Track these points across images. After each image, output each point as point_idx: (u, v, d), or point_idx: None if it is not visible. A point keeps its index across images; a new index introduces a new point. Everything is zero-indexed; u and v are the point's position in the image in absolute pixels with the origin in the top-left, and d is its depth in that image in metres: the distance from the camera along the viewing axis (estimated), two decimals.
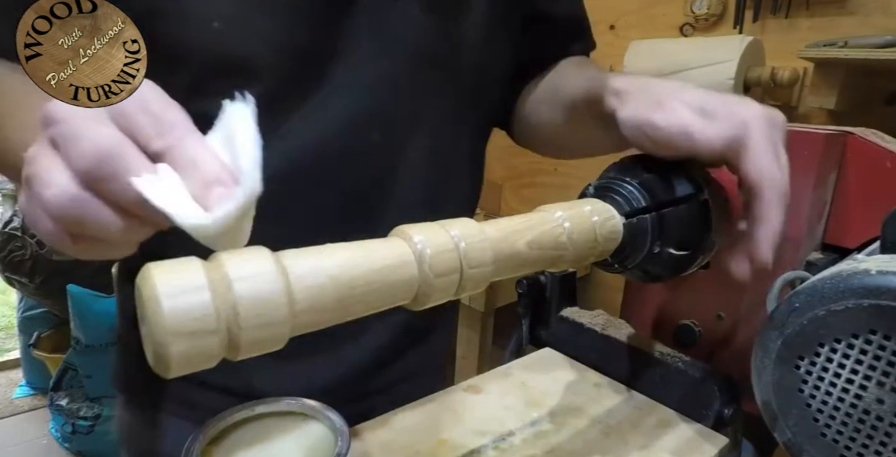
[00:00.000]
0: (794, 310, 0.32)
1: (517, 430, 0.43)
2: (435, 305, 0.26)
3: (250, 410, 0.30)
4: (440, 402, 0.47)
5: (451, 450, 0.41)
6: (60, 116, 0.21)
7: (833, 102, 1.02)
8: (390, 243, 0.24)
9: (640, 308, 0.53)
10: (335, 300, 0.22)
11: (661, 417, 0.46)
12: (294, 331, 0.21)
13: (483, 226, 0.28)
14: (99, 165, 0.20)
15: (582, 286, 0.64)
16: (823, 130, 0.42)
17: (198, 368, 0.19)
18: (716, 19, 1.27)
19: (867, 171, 0.44)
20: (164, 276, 0.19)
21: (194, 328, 0.18)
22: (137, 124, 0.21)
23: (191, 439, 0.28)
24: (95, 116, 0.21)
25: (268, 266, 0.20)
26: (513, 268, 0.28)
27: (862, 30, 1.06)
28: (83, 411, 1.62)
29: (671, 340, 0.49)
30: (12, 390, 2.00)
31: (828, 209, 0.46)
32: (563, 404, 0.47)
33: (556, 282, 0.55)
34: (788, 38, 1.17)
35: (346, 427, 0.29)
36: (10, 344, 2.34)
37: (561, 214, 0.31)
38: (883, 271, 0.29)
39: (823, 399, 0.31)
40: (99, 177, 0.20)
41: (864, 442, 0.30)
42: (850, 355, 0.30)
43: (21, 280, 1.70)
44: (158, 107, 0.22)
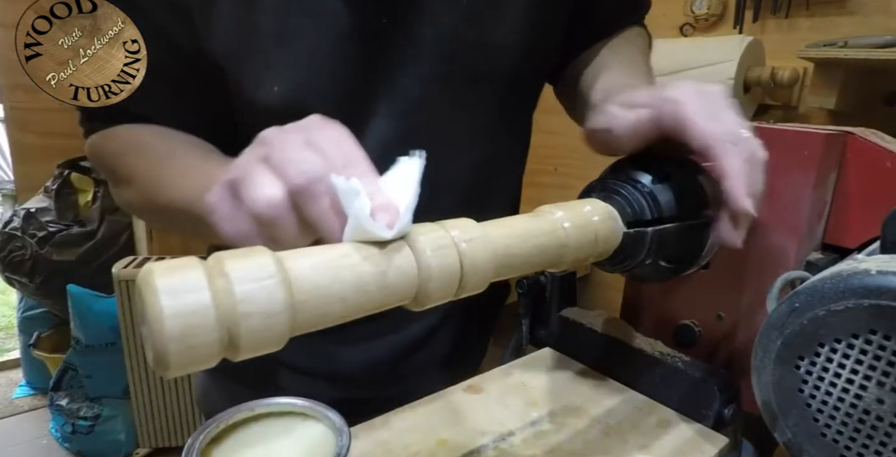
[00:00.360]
0: (794, 310, 0.32)
1: (517, 430, 0.43)
2: (435, 305, 0.26)
3: (250, 410, 0.30)
4: (440, 402, 0.47)
5: (451, 450, 0.41)
6: (275, 140, 0.27)
7: (833, 102, 1.02)
8: (391, 243, 0.24)
9: (640, 308, 0.53)
10: (335, 300, 0.22)
11: (661, 417, 0.46)
12: (294, 331, 0.21)
13: (483, 226, 0.28)
14: (309, 185, 0.24)
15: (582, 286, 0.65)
16: (823, 130, 0.42)
17: (197, 368, 0.19)
18: (716, 19, 1.27)
19: (867, 171, 0.44)
20: (164, 275, 0.19)
21: (194, 328, 0.18)
22: (329, 155, 0.25)
23: (191, 438, 0.28)
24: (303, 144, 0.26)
25: (268, 266, 0.20)
26: (513, 268, 0.28)
27: (862, 30, 1.06)
28: (83, 411, 1.62)
29: (671, 340, 0.49)
30: (12, 390, 2.00)
31: (828, 209, 0.46)
32: (563, 404, 0.47)
33: (556, 282, 0.55)
34: (788, 38, 1.17)
35: (346, 427, 0.29)
36: (10, 344, 2.35)
37: (561, 214, 0.31)
38: (883, 271, 0.29)
39: (823, 399, 0.31)
40: (306, 195, 0.25)
41: (864, 442, 0.30)
42: (850, 355, 0.30)
43: (21, 280, 1.70)
44: (347, 146, 0.26)
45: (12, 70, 1.75)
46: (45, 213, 1.70)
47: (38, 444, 1.73)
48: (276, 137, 0.27)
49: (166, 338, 0.18)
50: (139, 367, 1.51)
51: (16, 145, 1.84)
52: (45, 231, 1.67)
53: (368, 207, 0.23)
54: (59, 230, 1.69)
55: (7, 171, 2.83)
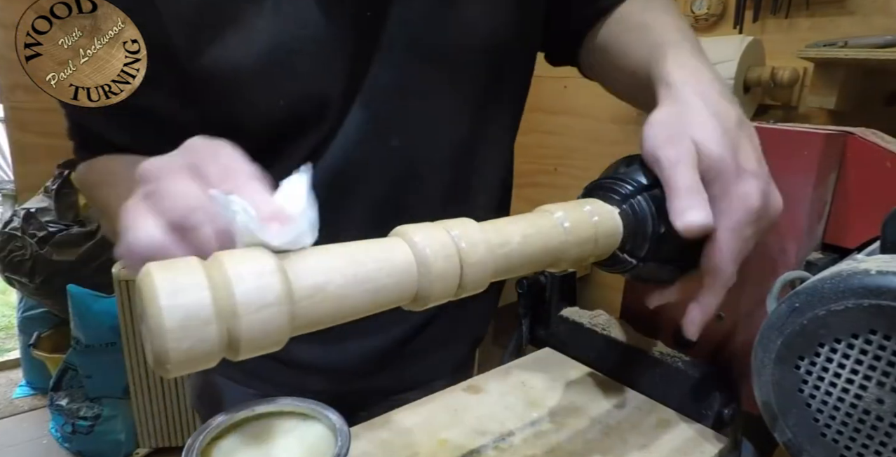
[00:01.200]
0: (794, 310, 0.32)
1: (517, 430, 0.43)
2: (435, 305, 0.26)
3: (250, 410, 0.30)
4: (440, 402, 0.47)
5: (451, 450, 0.41)
6: (152, 174, 0.26)
7: (833, 102, 1.02)
8: (391, 244, 0.24)
9: (640, 308, 0.53)
10: (335, 300, 0.22)
11: (661, 417, 0.46)
12: (294, 331, 0.21)
13: (483, 226, 0.28)
14: (187, 216, 0.24)
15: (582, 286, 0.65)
16: (823, 130, 0.42)
17: (197, 368, 0.19)
18: (716, 19, 1.27)
19: (867, 171, 0.44)
20: (163, 275, 0.19)
21: (193, 328, 0.18)
22: (208, 174, 0.25)
23: (191, 438, 0.28)
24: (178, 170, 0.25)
25: (268, 266, 0.20)
26: (513, 268, 0.28)
27: (862, 30, 1.06)
28: (83, 411, 1.62)
29: (671, 341, 0.49)
30: (12, 390, 2.00)
31: (828, 209, 0.46)
32: (563, 404, 0.47)
33: (556, 282, 0.55)
34: (788, 38, 1.17)
35: (346, 427, 0.29)
36: (10, 344, 2.34)
37: (561, 214, 0.31)
38: (883, 271, 0.29)
39: (823, 399, 0.31)
40: (187, 226, 0.24)
41: (864, 442, 0.30)
42: (850, 355, 0.30)
43: (21, 280, 1.70)
44: (226, 159, 0.26)
45: (12, 70, 1.75)
46: (45, 213, 1.70)
47: (38, 444, 1.73)
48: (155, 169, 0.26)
49: (166, 338, 0.18)
50: (139, 367, 1.51)
51: (16, 145, 1.84)
52: (45, 231, 1.67)
53: (254, 216, 0.23)
54: (59, 230, 1.69)
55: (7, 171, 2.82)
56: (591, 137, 1.56)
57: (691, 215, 0.32)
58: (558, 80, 1.60)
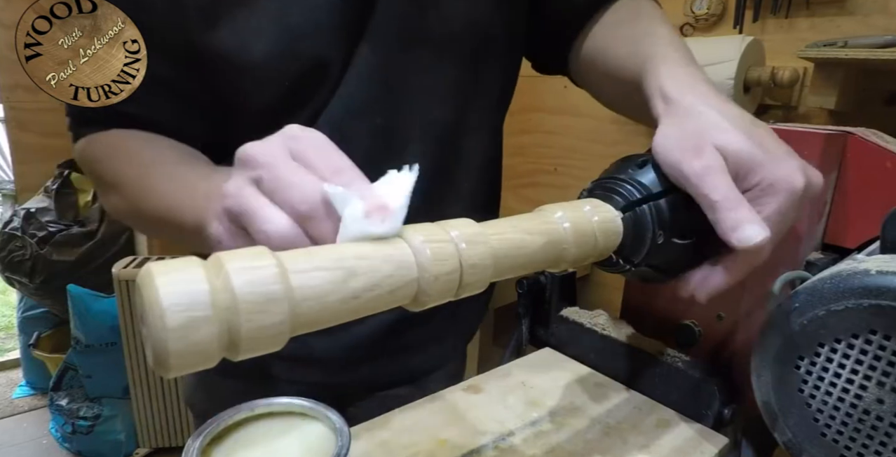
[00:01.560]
0: (794, 310, 0.32)
1: (517, 430, 0.43)
2: (435, 305, 0.26)
3: (250, 409, 0.30)
4: (440, 402, 0.47)
5: (451, 450, 0.41)
6: (256, 160, 0.26)
7: (833, 102, 1.02)
8: (391, 243, 0.24)
9: (640, 308, 0.53)
10: (335, 300, 0.22)
11: (661, 417, 0.46)
12: (294, 331, 0.21)
13: (483, 226, 0.28)
14: (313, 210, 0.25)
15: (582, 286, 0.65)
16: (823, 130, 0.42)
17: (197, 367, 0.19)
18: (716, 19, 1.27)
19: (867, 171, 0.44)
20: (164, 275, 0.19)
21: (194, 328, 0.18)
22: (317, 167, 0.26)
23: (191, 438, 0.28)
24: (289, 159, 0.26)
25: (269, 266, 0.20)
26: (513, 268, 0.28)
27: (862, 30, 1.06)
28: (83, 411, 1.62)
29: (671, 340, 0.49)
30: (12, 390, 2.00)
31: (828, 209, 0.46)
32: (563, 404, 0.47)
33: (556, 282, 0.55)
34: (788, 38, 1.17)
35: (346, 427, 0.29)
36: (10, 344, 2.35)
37: (561, 214, 0.31)
38: (883, 271, 0.29)
39: (823, 399, 0.31)
40: (313, 220, 0.25)
41: (864, 442, 0.30)
42: (850, 355, 0.30)
43: (21, 280, 1.70)
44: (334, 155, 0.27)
45: (12, 70, 1.76)
46: (45, 213, 1.70)
47: (38, 444, 1.73)
48: (262, 155, 0.27)
49: (166, 338, 0.18)
50: (139, 367, 1.51)
51: (16, 145, 1.85)
52: (45, 231, 1.67)
53: (361, 207, 0.24)
54: (59, 230, 1.69)
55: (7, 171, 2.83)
56: (591, 137, 1.56)
57: (747, 231, 0.30)
58: (558, 80, 1.60)
